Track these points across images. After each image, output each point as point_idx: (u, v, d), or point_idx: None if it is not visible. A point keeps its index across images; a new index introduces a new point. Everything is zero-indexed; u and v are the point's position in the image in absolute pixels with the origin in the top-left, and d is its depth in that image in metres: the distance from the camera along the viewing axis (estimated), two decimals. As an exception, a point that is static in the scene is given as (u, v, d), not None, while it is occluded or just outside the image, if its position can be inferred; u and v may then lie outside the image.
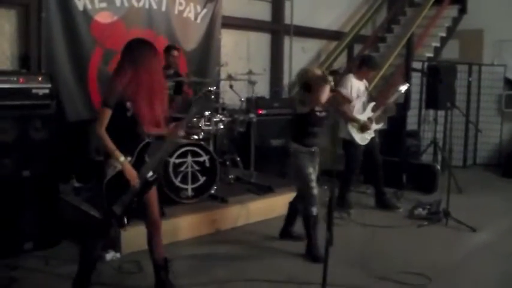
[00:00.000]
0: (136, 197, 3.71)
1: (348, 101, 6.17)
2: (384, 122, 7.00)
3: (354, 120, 6.30)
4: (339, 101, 5.98)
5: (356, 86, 6.41)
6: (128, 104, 3.57)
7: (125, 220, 3.75)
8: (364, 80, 6.61)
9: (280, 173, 7.34)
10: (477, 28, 10.22)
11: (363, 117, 6.36)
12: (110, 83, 3.67)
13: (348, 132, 6.36)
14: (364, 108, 6.45)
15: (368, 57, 6.99)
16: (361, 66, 6.54)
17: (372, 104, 6.51)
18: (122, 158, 3.56)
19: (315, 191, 4.87)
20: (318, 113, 4.86)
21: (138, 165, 3.68)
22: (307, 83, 4.76)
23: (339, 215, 6.13)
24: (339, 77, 4.60)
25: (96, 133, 3.56)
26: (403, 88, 6.52)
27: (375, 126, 6.48)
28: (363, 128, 6.33)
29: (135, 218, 3.92)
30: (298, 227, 5.27)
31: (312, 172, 4.92)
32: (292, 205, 5.32)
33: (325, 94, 4.74)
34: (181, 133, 3.92)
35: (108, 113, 3.53)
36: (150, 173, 3.78)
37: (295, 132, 4.97)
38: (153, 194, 3.90)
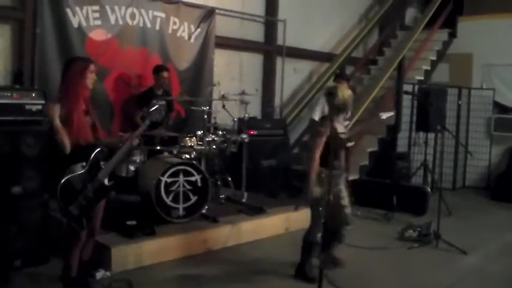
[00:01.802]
0: (93, 199, 3.93)
1: None
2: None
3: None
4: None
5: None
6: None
7: (84, 221, 3.90)
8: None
9: (271, 194, 7.33)
10: (466, 52, 10.36)
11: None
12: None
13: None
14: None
15: (340, 71, 7.07)
16: (336, 80, 6.67)
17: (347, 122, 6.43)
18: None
19: (348, 209, 4.88)
20: (341, 135, 4.77)
21: (93, 171, 3.94)
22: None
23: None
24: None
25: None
26: (386, 115, 6.43)
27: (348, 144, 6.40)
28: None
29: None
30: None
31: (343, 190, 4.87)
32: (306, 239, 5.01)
33: None
34: (135, 142, 4.38)
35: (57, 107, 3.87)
36: (107, 180, 4.06)
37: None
38: (100, 206, 4.19)
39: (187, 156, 6.18)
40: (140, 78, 7.13)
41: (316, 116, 6.37)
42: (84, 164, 3.89)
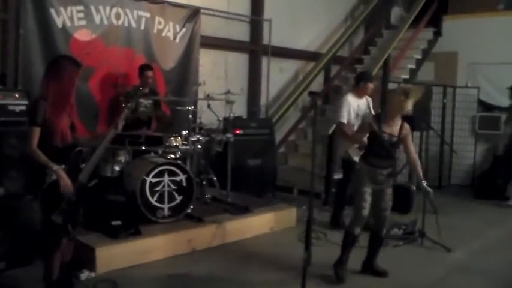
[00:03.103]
0: (76, 203, 3.84)
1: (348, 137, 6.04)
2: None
3: (351, 139, 6.05)
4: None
5: (355, 105, 6.33)
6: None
7: (69, 228, 3.84)
8: (366, 97, 6.54)
9: (257, 193, 7.34)
10: (451, 51, 10.44)
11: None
12: (35, 101, 3.91)
13: (346, 151, 6.27)
14: None
15: (362, 72, 6.99)
16: (358, 82, 6.46)
17: None
18: (56, 166, 3.72)
19: (364, 212, 4.80)
20: (385, 136, 4.72)
21: (73, 173, 3.84)
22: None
23: (315, 235, 6.13)
24: (318, 98, 4.60)
25: (28, 151, 3.73)
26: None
27: None
28: (361, 147, 6.24)
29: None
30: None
31: (367, 192, 4.80)
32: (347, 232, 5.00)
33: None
34: (119, 128, 4.13)
35: (37, 131, 3.73)
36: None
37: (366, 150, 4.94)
38: None
39: (173, 156, 6.16)
40: (125, 78, 7.10)
41: (344, 119, 6.25)
42: (63, 166, 3.79)
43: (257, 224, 6.14)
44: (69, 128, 4.00)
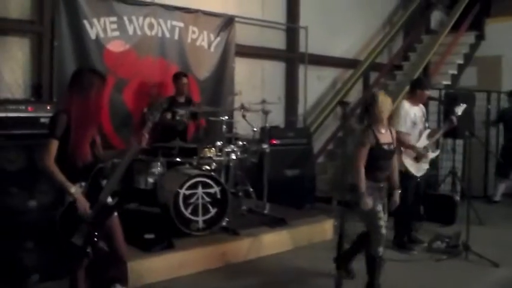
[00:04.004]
0: (96, 225, 3.61)
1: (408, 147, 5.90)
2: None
3: (413, 148, 5.93)
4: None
5: (411, 113, 6.02)
6: None
7: (89, 250, 3.62)
8: (421, 105, 6.23)
9: (295, 204, 7.15)
10: (495, 54, 10.10)
11: (418, 145, 6.00)
12: (56, 114, 3.71)
13: (402, 164, 5.89)
14: (420, 137, 6.09)
15: (418, 78, 6.75)
16: (414, 89, 6.15)
17: (428, 131, 6.16)
18: (73, 189, 3.51)
19: (383, 230, 4.59)
20: (385, 146, 4.59)
21: (94, 191, 3.62)
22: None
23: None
24: (348, 108, 4.42)
25: (43, 165, 3.51)
26: (460, 110, 6.14)
27: (431, 155, 6.13)
28: (419, 157, 5.98)
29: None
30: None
31: (381, 210, 4.62)
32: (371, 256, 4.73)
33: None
34: (142, 146, 3.90)
35: (54, 144, 3.51)
36: (110, 198, 3.72)
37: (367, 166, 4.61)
38: (115, 223, 3.84)
39: (207, 167, 6.05)
40: (160, 88, 7.06)
41: (403, 127, 5.93)
42: (83, 184, 3.59)
43: (294, 236, 5.97)
44: (90, 144, 3.74)
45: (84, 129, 3.63)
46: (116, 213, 3.81)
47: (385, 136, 4.61)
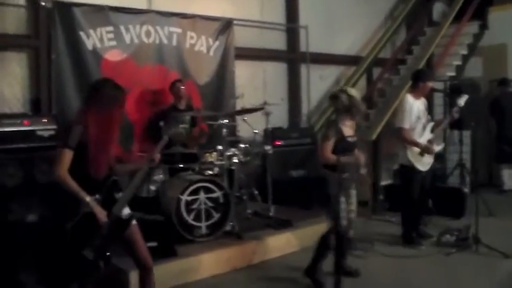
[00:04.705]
0: (109, 238, 3.51)
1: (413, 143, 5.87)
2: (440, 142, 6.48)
3: (416, 144, 5.85)
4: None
5: (415, 107, 5.92)
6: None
7: (101, 264, 3.52)
8: (423, 98, 6.12)
9: (303, 205, 7.07)
10: (500, 43, 9.95)
11: (422, 140, 5.91)
12: (70, 124, 3.58)
13: (407, 158, 5.88)
14: (424, 130, 5.99)
15: (419, 70, 6.66)
16: (416, 82, 6.03)
17: (431, 124, 6.07)
18: (88, 198, 3.41)
19: (345, 221, 4.62)
20: (349, 139, 4.70)
21: (107, 204, 3.53)
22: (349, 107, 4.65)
23: (361, 246, 5.85)
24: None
25: (56, 175, 3.41)
26: (462, 101, 5.97)
27: (435, 149, 6.02)
28: (424, 152, 5.88)
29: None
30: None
31: (344, 201, 4.63)
32: (324, 239, 4.83)
33: None
34: (155, 162, 3.84)
35: (68, 154, 3.41)
36: (125, 211, 3.64)
37: None
38: (137, 234, 3.75)
39: (210, 172, 6.01)
40: (161, 95, 7.03)
41: (405, 123, 5.85)
42: (97, 197, 3.49)
43: (299, 238, 5.90)
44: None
45: (104, 145, 3.54)
46: (134, 221, 3.73)
47: (349, 129, 4.76)
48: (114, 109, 3.56)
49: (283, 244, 5.79)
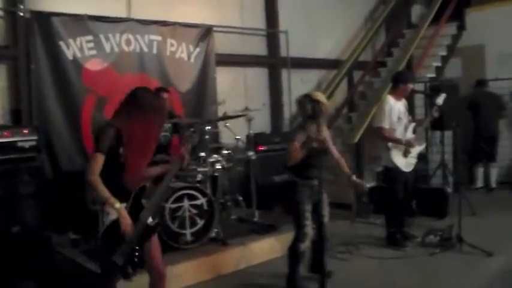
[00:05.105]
0: (137, 244, 3.52)
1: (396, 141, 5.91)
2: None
3: (397, 141, 5.89)
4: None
5: (396, 108, 5.97)
6: (121, 150, 3.44)
7: (130, 270, 3.53)
8: (404, 100, 6.17)
9: (287, 210, 7.09)
10: (478, 44, 10.08)
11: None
12: (104, 128, 3.53)
13: (390, 160, 5.94)
14: (405, 131, 6.04)
15: (399, 72, 6.72)
16: (397, 83, 6.07)
17: (413, 124, 6.11)
18: (118, 205, 3.39)
19: (308, 229, 4.62)
20: (315, 144, 4.58)
21: (135, 210, 3.52)
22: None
23: (346, 249, 5.88)
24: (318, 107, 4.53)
25: (87, 179, 3.39)
26: (440, 100, 6.04)
27: (417, 149, 6.09)
28: (407, 151, 5.93)
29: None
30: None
31: (309, 209, 4.64)
32: (293, 249, 4.80)
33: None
34: (184, 164, 3.81)
35: (101, 159, 3.39)
36: (151, 218, 3.62)
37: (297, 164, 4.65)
38: (154, 242, 3.74)
39: (193, 179, 6.00)
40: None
41: (385, 123, 5.90)
42: (125, 205, 3.46)
43: (284, 242, 5.88)
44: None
45: (143, 155, 3.54)
46: None
47: (318, 133, 4.61)
48: (155, 115, 3.57)
49: (268, 249, 5.78)
